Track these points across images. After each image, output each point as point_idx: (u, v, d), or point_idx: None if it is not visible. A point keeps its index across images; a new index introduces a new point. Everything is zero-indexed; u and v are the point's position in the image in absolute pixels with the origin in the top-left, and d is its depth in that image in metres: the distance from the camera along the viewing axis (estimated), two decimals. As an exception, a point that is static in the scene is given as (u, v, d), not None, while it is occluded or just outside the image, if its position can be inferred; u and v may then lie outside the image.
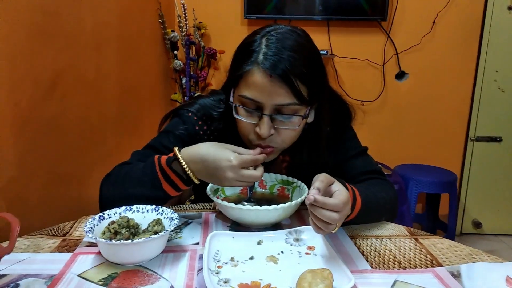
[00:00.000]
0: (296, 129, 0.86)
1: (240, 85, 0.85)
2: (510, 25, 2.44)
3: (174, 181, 0.83)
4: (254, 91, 0.82)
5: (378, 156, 2.43)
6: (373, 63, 2.55)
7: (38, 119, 1.11)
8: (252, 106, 0.84)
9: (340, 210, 0.68)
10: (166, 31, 2.24)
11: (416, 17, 2.47)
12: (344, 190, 0.70)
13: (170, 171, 0.82)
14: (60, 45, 1.20)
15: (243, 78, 0.83)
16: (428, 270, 0.71)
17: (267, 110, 0.82)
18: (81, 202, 1.33)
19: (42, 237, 0.81)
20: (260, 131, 0.83)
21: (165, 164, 0.82)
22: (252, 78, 0.82)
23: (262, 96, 0.81)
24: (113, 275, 0.68)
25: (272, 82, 0.80)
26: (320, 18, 2.44)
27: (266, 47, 0.82)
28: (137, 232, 0.75)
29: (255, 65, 0.81)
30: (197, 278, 0.67)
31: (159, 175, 0.83)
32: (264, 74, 0.80)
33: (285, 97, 0.81)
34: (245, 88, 0.83)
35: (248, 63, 0.82)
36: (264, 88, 0.81)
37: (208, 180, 0.83)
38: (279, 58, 0.80)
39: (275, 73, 0.79)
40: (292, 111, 0.84)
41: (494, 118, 2.56)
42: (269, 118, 0.83)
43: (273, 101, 0.81)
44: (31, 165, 1.08)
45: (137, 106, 1.89)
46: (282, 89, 0.80)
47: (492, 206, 2.68)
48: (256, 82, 0.81)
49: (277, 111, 0.83)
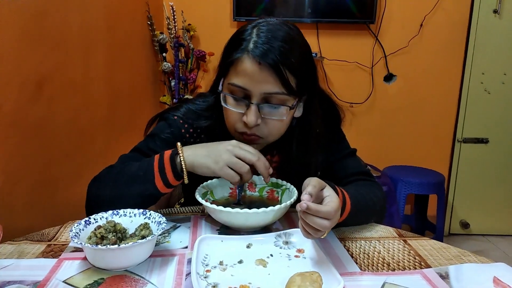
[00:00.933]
0: (283, 119, 0.87)
1: (230, 73, 0.86)
2: (496, 28, 2.48)
3: (166, 174, 0.82)
4: (243, 79, 0.83)
5: (367, 158, 2.45)
6: (361, 65, 2.57)
7: (24, 122, 1.09)
8: (241, 94, 0.85)
9: (332, 217, 0.67)
10: (154, 33, 2.23)
11: (404, 20, 2.50)
12: (335, 197, 0.70)
13: (168, 164, 0.82)
14: (47, 47, 1.19)
15: (233, 66, 0.84)
16: (416, 272, 0.71)
17: (255, 98, 0.83)
18: (68, 207, 1.31)
19: (27, 243, 0.80)
20: (247, 119, 0.83)
21: (167, 157, 0.83)
22: (241, 65, 0.82)
23: (250, 83, 0.82)
24: (99, 280, 0.66)
25: (261, 70, 0.81)
26: (310, 20, 2.45)
27: (256, 36, 0.83)
28: (124, 236, 0.74)
29: (245, 53, 0.82)
30: (186, 282, 0.66)
31: (155, 168, 0.82)
32: (253, 62, 0.81)
33: (273, 85, 0.82)
34: (234, 76, 0.84)
35: (238, 51, 0.83)
36: (253, 75, 0.81)
37: (202, 161, 0.82)
38: (269, 47, 0.81)
39: (264, 61, 0.80)
40: (280, 101, 0.84)
41: (481, 119, 2.60)
42: (256, 107, 0.84)
43: (261, 89, 0.82)
44: (17, 169, 1.06)
45: (125, 109, 1.87)
46: (270, 78, 0.81)
47: (479, 207, 2.72)
48: (246, 69, 0.82)
49: (265, 100, 0.84)
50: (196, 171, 0.83)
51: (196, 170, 0.83)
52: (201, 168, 0.82)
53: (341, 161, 1.01)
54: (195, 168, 0.82)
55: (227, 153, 0.81)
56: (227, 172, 0.81)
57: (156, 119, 1.01)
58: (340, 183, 0.96)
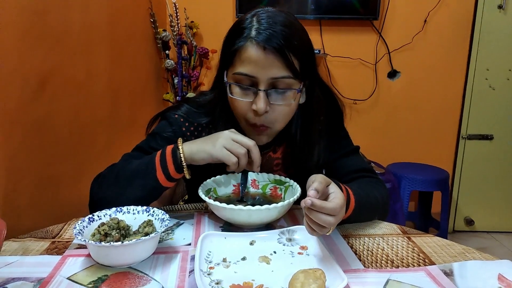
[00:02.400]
0: (291, 104, 0.87)
1: (234, 63, 0.86)
2: (501, 24, 2.46)
3: (168, 167, 0.83)
4: (249, 66, 0.83)
5: (371, 155, 2.44)
6: (365, 62, 2.56)
7: (27, 120, 1.09)
8: (247, 82, 0.85)
9: (337, 214, 0.67)
10: (157, 30, 2.23)
11: (408, 16, 2.49)
12: (340, 193, 0.70)
13: (170, 156, 0.83)
14: (49, 45, 1.19)
15: (237, 55, 0.85)
16: (420, 269, 0.71)
17: (262, 84, 0.83)
18: (72, 205, 1.31)
19: (31, 240, 0.80)
20: (257, 106, 0.84)
21: (169, 150, 0.84)
22: (246, 53, 0.83)
23: (257, 70, 0.82)
24: (103, 277, 0.67)
25: (266, 54, 0.81)
26: (313, 17, 2.44)
27: (257, 23, 0.83)
28: (127, 233, 0.74)
29: (248, 40, 0.82)
30: (189, 279, 0.66)
31: (157, 162, 0.84)
32: (258, 48, 0.81)
33: (280, 69, 0.82)
34: (239, 65, 0.84)
35: (241, 40, 0.83)
36: (258, 61, 0.82)
37: (200, 147, 0.83)
38: (272, 31, 0.81)
39: (269, 45, 0.80)
40: (287, 85, 0.85)
41: (485, 116, 2.59)
42: (265, 93, 0.84)
43: (268, 74, 0.82)
44: (20, 167, 1.07)
45: (128, 107, 1.87)
46: (276, 62, 0.82)
47: (484, 204, 2.70)
48: (251, 56, 0.82)
49: (272, 85, 0.84)
50: (195, 158, 0.83)
51: (195, 157, 0.83)
52: (199, 153, 0.83)
53: (344, 158, 1.01)
54: (194, 156, 0.83)
55: (224, 136, 0.83)
56: (224, 152, 0.82)
57: (157, 119, 1.02)
58: (343, 179, 0.96)
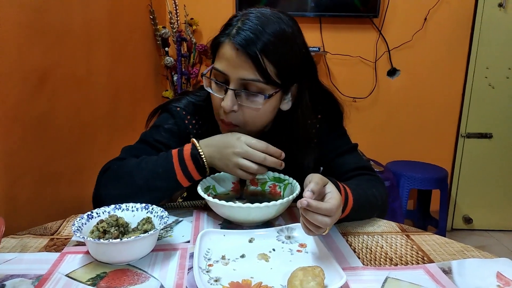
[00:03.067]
0: (259, 108, 0.86)
1: (215, 58, 0.88)
2: (501, 22, 2.46)
3: (190, 172, 0.85)
4: (223, 63, 0.85)
5: (370, 153, 2.44)
6: (365, 60, 2.56)
7: (27, 117, 1.09)
8: (221, 79, 0.87)
9: (333, 214, 0.67)
10: (157, 27, 2.22)
11: (408, 14, 2.48)
12: (336, 193, 0.70)
13: (190, 162, 0.84)
14: (49, 42, 1.18)
15: (217, 51, 0.87)
16: (419, 267, 0.71)
17: (232, 83, 0.85)
18: (71, 202, 1.31)
19: (30, 237, 0.80)
20: (223, 103, 0.85)
21: (188, 156, 0.85)
22: (222, 50, 0.85)
23: (228, 68, 0.84)
24: (101, 274, 0.67)
25: (238, 55, 0.82)
26: (313, 14, 2.44)
27: (241, 23, 0.84)
28: (126, 231, 0.74)
29: (228, 38, 0.84)
30: (188, 277, 0.66)
31: (176, 165, 0.84)
32: (232, 47, 0.83)
33: (249, 72, 0.83)
34: (216, 60, 0.87)
35: (223, 36, 0.86)
36: (230, 60, 0.83)
37: (217, 163, 0.85)
38: (249, 34, 0.82)
39: (242, 47, 0.81)
40: (258, 88, 0.85)
41: (484, 114, 2.59)
42: (233, 92, 0.85)
43: (238, 74, 0.83)
44: (19, 163, 1.06)
45: (128, 103, 1.87)
46: (247, 64, 0.82)
47: (482, 202, 2.71)
48: (225, 54, 0.84)
49: (243, 86, 0.85)
50: (214, 166, 0.87)
51: (214, 165, 0.87)
52: (217, 165, 0.86)
53: (342, 157, 1.01)
54: (214, 164, 0.86)
55: (235, 157, 0.83)
56: (240, 173, 0.84)
57: (158, 111, 1.02)
58: (342, 177, 0.96)
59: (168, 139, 0.95)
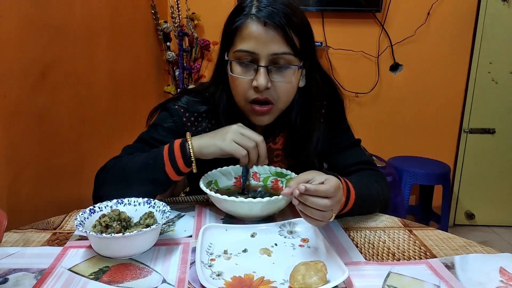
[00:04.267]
0: (291, 81, 0.88)
1: (235, 42, 0.87)
2: (504, 17, 2.44)
3: (177, 161, 0.83)
4: (250, 42, 0.84)
5: (372, 148, 2.43)
6: (367, 54, 2.54)
7: (27, 112, 1.09)
8: (248, 59, 0.86)
9: (332, 195, 0.66)
10: (158, 22, 2.22)
11: (411, 9, 2.46)
12: (333, 178, 0.69)
13: (178, 151, 0.83)
14: (50, 36, 1.18)
15: (237, 33, 0.86)
16: (422, 262, 0.71)
17: (263, 60, 0.84)
18: (73, 196, 1.31)
19: (32, 231, 0.80)
20: (257, 82, 0.84)
21: (177, 144, 0.84)
22: (246, 30, 0.84)
23: (258, 46, 0.84)
24: (104, 268, 0.67)
25: (267, 30, 0.82)
26: (315, 9, 2.42)
27: (257, 1, 0.85)
28: (128, 225, 0.74)
29: (249, 17, 0.84)
30: (190, 271, 0.66)
31: (165, 156, 0.83)
32: (258, 24, 0.83)
33: (280, 45, 0.83)
34: (240, 42, 0.86)
35: (241, 17, 0.85)
36: (259, 37, 0.83)
37: (209, 141, 0.83)
38: (272, 8, 0.83)
39: (270, 20, 0.82)
40: (287, 61, 0.86)
41: (487, 110, 2.57)
42: (265, 69, 0.85)
43: (269, 50, 0.83)
44: (21, 158, 1.07)
45: (129, 98, 1.87)
46: (277, 37, 0.83)
47: (485, 198, 2.70)
48: (252, 32, 0.84)
49: (273, 62, 0.85)
50: (205, 153, 0.83)
51: (205, 152, 0.83)
52: (209, 147, 0.83)
53: (344, 151, 1.01)
54: (203, 150, 0.83)
55: (232, 130, 0.83)
56: (234, 146, 0.82)
57: (157, 110, 1.02)
58: (344, 171, 0.97)
59: (166, 137, 0.94)
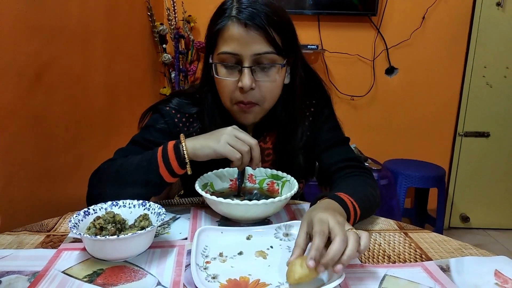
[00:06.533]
0: (276, 80, 0.89)
1: (218, 44, 0.88)
2: (499, 21, 2.46)
3: (171, 163, 0.82)
4: (232, 44, 0.85)
5: (368, 151, 2.44)
6: (363, 58, 2.55)
7: (22, 113, 1.08)
8: (232, 60, 0.87)
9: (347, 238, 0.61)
10: (154, 24, 2.21)
11: (406, 13, 2.48)
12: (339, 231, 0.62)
13: (172, 152, 0.82)
14: (46, 37, 1.17)
15: (220, 36, 0.87)
16: (417, 264, 0.71)
17: (246, 61, 0.85)
18: (68, 198, 1.30)
19: (26, 233, 0.79)
20: (242, 83, 0.85)
21: (171, 146, 0.83)
22: (228, 32, 0.85)
23: (240, 47, 0.84)
24: (98, 271, 0.66)
25: (248, 31, 0.83)
26: (311, 12, 2.43)
27: (237, 2, 0.86)
28: (123, 227, 0.73)
29: (230, 19, 0.85)
30: (185, 274, 0.66)
31: (159, 158, 0.83)
32: (239, 25, 0.84)
33: (262, 45, 0.84)
34: (222, 44, 0.86)
35: (223, 19, 0.86)
36: (241, 38, 0.84)
37: (203, 143, 0.82)
38: (252, 9, 0.84)
39: (250, 21, 0.83)
40: (270, 60, 0.87)
41: (482, 113, 2.59)
42: (249, 70, 0.85)
43: (252, 50, 0.84)
44: (15, 160, 1.06)
45: (125, 100, 1.86)
46: (258, 37, 0.84)
47: (479, 201, 2.71)
48: (233, 34, 0.84)
49: (256, 62, 0.86)
50: (199, 154, 0.82)
51: (199, 153, 0.82)
52: (203, 149, 0.82)
53: (333, 148, 1.02)
54: (197, 152, 0.82)
55: (227, 133, 0.83)
56: (228, 148, 0.81)
57: (149, 112, 1.02)
58: (330, 169, 0.98)
59: (158, 138, 0.94)
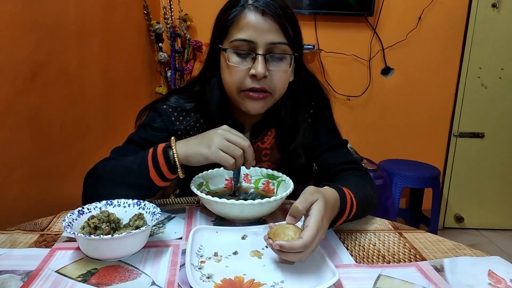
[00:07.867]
0: (287, 71, 0.90)
1: (231, 32, 0.88)
2: (494, 22, 2.47)
3: (161, 168, 0.80)
4: (248, 31, 0.85)
5: (363, 151, 2.45)
6: (359, 58, 2.56)
7: (18, 112, 1.07)
8: (246, 47, 0.87)
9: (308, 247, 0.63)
10: (151, 22, 2.21)
11: (402, 13, 2.49)
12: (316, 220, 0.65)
13: (162, 157, 0.80)
14: (42, 35, 1.17)
15: (234, 24, 0.87)
16: (411, 264, 0.71)
17: (260, 49, 0.86)
18: (63, 198, 1.30)
19: (19, 232, 0.79)
20: (256, 70, 0.85)
21: (160, 150, 0.81)
22: (244, 20, 0.86)
23: (256, 34, 0.85)
24: (92, 271, 0.66)
25: (265, 19, 0.85)
26: (308, 12, 2.43)
27: None
28: (118, 227, 0.73)
29: (246, 7, 0.86)
30: (180, 273, 0.66)
31: (149, 162, 0.81)
32: (257, 13, 0.85)
33: (277, 35, 0.86)
34: (237, 32, 0.87)
35: (238, 8, 0.87)
36: (257, 26, 0.85)
37: (195, 149, 0.80)
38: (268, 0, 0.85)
39: (268, 10, 0.84)
40: (283, 51, 0.88)
41: (477, 114, 2.61)
42: (263, 58, 0.86)
43: (267, 39, 0.85)
44: (10, 159, 1.05)
45: (121, 99, 1.86)
46: (274, 27, 0.85)
47: (474, 201, 2.73)
48: (250, 22, 0.85)
49: (269, 51, 0.87)
50: (191, 161, 0.81)
51: (190, 160, 0.80)
52: (195, 156, 0.80)
53: (332, 151, 1.02)
54: (189, 158, 0.80)
55: (218, 136, 0.79)
56: (221, 155, 0.78)
57: (146, 111, 1.01)
58: (330, 172, 0.99)
59: (155, 136, 0.94)
